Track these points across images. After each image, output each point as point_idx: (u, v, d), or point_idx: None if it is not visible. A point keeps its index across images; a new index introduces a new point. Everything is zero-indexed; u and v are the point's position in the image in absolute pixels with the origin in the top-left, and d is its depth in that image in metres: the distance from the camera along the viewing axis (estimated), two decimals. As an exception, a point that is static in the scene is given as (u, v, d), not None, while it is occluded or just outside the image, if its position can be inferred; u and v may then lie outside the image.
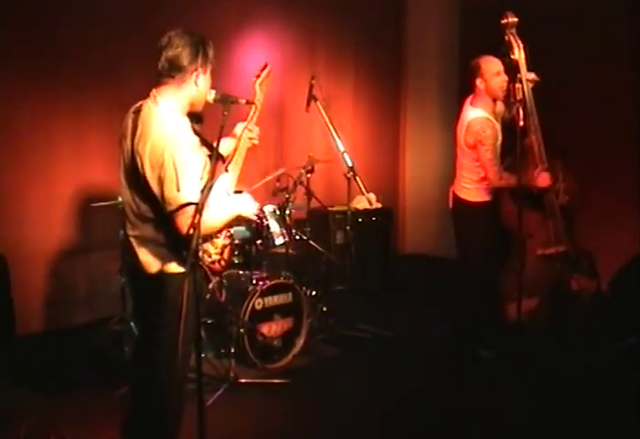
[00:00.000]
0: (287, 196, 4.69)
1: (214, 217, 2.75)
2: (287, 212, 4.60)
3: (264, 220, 4.48)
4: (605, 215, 5.40)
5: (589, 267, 4.50)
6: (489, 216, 4.26)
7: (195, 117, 4.58)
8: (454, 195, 4.34)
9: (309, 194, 4.95)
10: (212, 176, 2.62)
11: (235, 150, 3.11)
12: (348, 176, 4.69)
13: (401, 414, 3.70)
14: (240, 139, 3.16)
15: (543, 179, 4.09)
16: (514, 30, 3.93)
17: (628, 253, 5.06)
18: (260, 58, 5.76)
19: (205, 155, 2.90)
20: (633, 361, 4.22)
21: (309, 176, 4.84)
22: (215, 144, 2.69)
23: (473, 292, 4.30)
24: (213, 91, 3.10)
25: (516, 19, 3.91)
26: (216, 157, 2.70)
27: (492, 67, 4.05)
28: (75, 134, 4.79)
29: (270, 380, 4.03)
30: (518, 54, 3.93)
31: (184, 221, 2.65)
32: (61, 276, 4.79)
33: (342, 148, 4.69)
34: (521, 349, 3.98)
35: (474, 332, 4.30)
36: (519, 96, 3.87)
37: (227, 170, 3.03)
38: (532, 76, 4.05)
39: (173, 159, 2.63)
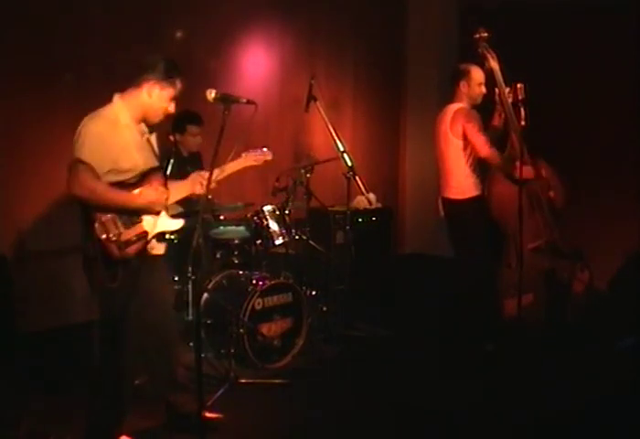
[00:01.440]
0: (287, 196, 4.68)
1: (102, 191, 2.93)
2: (287, 212, 4.60)
3: (264, 220, 4.48)
4: (605, 214, 5.41)
5: (581, 261, 4.56)
6: (481, 211, 4.38)
7: (195, 118, 4.64)
8: (444, 200, 4.48)
9: (309, 194, 4.95)
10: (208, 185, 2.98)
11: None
12: (348, 176, 4.69)
13: (402, 414, 3.69)
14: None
15: (527, 171, 4.19)
16: (486, 43, 4.29)
17: (628, 253, 5.06)
18: (261, 59, 5.81)
19: (142, 160, 3.10)
20: (633, 361, 4.22)
21: (309, 175, 4.84)
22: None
23: (473, 290, 4.32)
24: (214, 91, 3.13)
25: (486, 34, 4.27)
26: (213, 159, 2.90)
27: (479, 77, 4.34)
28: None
29: (270, 380, 4.03)
30: (493, 63, 4.27)
31: (70, 178, 2.92)
32: (61, 276, 4.78)
33: (342, 148, 4.69)
34: (520, 346, 4.01)
35: (475, 328, 4.32)
36: (521, 96, 4.01)
37: (167, 187, 3.18)
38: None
39: (87, 129, 2.96)
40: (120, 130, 3.03)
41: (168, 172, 3.83)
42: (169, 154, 3.92)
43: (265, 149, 3.55)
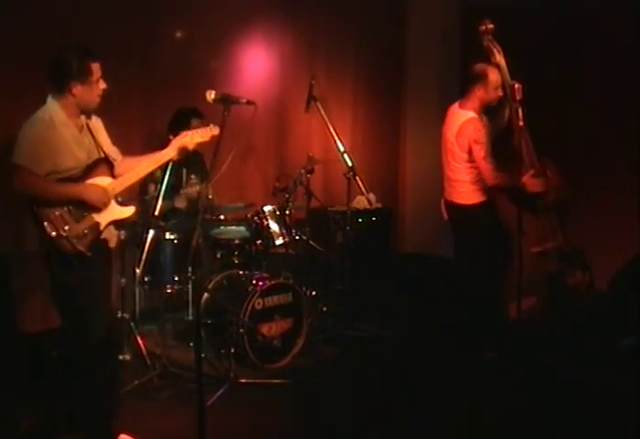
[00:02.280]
0: (287, 196, 4.69)
1: (43, 185, 3.00)
2: (287, 212, 4.61)
3: (264, 220, 4.49)
4: (605, 214, 5.40)
5: (581, 262, 4.54)
6: (488, 216, 4.28)
7: (196, 112, 4.65)
8: (449, 203, 4.38)
9: (309, 194, 4.95)
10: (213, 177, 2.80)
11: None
12: (348, 176, 4.69)
13: (402, 414, 3.70)
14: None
15: (535, 185, 4.14)
16: (491, 36, 4.06)
17: (628, 253, 5.05)
18: (261, 59, 5.81)
19: (87, 151, 3.13)
20: (632, 361, 4.22)
21: (309, 176, 4.84)
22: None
23: (475, 293, 4.29)
24: (213, 92, 3.13)
25: (492, 26, 4.04)
26: (213, 160, 2.87)
27: (496, 80, 4.14)
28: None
29: (270, 380, 4.03)
30: (499, 58, 4.06)
31: (8, 179, 3.02)
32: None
33: (342, 148, 4.70)
34: (522, 349, 4.00)
35: (477, 332, 4.30)
36: (519, 96, 3.91)
37: (114, 177, 3.21)
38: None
39: (24, 132, 3.02)
40: (56, 130, 3.05)
41: (168, 172, 3.84)
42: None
43: (211, 125, 3.47)
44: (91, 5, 4.73)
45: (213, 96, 3.14)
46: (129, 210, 3.26)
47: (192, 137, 3.35)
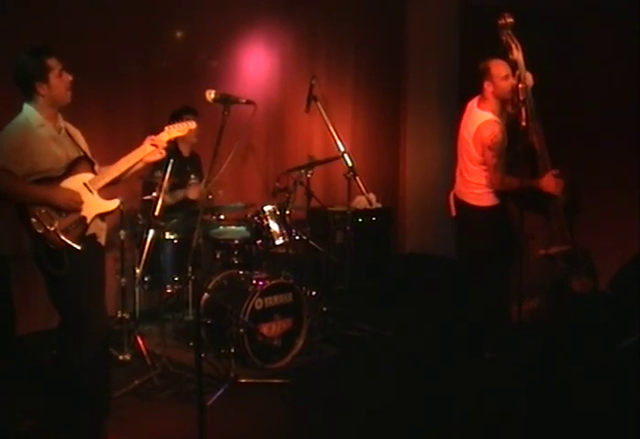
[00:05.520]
0: (287, 196, 4.69)
1: (15, 186, 2.99)
2: (287, 212, 4.61)
3: (264, 220, 4.49)
4: (605, 215, 5.40)
5: (588, 266, 4.51)
6: (498, 219, 4.21)
7: (189, 109, 4.65)
8: (460, 201, 4.29)
9: (309, 194, 4.95)
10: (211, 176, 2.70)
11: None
12: (348, 176, 4.69)
13: (402, 414, 3.69)
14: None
15: (547, 184, 4.03)
16: (510, 31, 3.89)
17: (628, 253, 5.06)
18: (261, 59, 5.81)
19: (66, 151, 3.14)
20: (632, 362, 4.22)
21: (309, 176, 4.84)
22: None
23: (478, 294, 4.28)
24: (213, 92, 3.13)
25: (512, 20, 3.87)
26: (213, 160, 2.86)
27: (501, 70, 4.01)
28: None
29: (270, 380, 4.03)
30: (517, 54, 3.91)
31: None
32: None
33: (342, 148, 4.69)
34: (523, 349, 3.99)
35: (478, 333, 4.29)
36: (522, 97, 3.85)
37: (95, 172, 3.22)
38: (529, 76, 4.02)
39: (2, 136, 3.03)
40: (33, 131, 3.06)
41: (168, 172, 3.84)
42: (169, 153, 3.91)
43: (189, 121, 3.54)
44: (92, 6, 4.73)
45: (213, 96, 3.14)
46: (113, 204, 3.26)
47: (169, 132, 3.38)
